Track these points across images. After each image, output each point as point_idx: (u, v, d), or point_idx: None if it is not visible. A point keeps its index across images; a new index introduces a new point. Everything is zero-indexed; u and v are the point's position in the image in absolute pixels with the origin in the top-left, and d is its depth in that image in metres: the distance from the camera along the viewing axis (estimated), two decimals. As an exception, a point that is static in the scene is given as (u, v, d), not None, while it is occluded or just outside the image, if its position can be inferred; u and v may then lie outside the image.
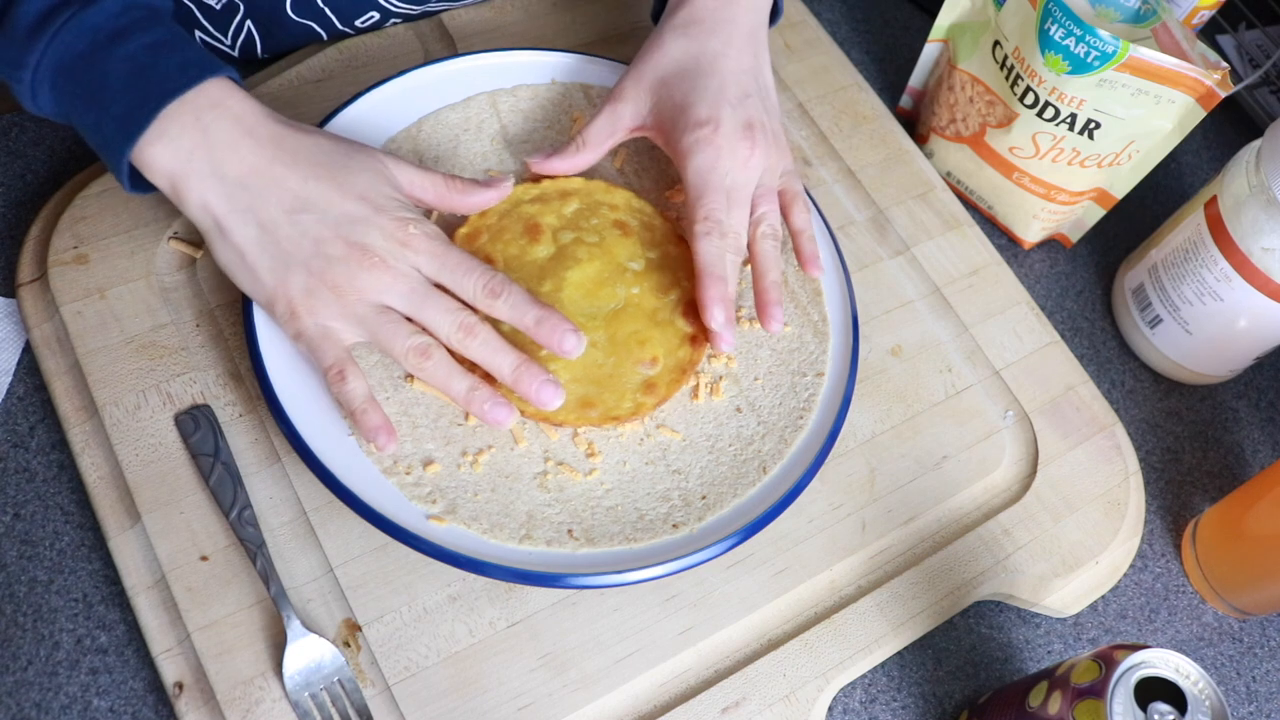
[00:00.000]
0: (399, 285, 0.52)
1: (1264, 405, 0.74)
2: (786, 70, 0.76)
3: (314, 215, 0.52)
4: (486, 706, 0.52)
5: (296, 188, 0.52)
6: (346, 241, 0.52)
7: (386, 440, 0.52)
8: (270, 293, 0.53)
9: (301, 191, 0.52)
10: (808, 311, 0.64)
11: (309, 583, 0.54)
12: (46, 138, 0.66)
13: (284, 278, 0.52)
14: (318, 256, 0.52)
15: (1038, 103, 0.67)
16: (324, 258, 0.52)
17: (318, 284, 0.52)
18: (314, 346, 0.53)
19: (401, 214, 0.53)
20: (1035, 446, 0.65)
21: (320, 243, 0.52)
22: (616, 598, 0.56)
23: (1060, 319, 0.75)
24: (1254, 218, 0.62)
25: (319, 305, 0.52)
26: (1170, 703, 0.45)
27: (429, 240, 0.53)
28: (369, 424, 0.52)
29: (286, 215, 0.52)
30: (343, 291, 0.52)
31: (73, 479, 0.57)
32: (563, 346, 0.53)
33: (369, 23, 0.71)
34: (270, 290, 0.53)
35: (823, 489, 0.61)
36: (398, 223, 0.53)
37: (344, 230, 0.52)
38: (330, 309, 0.52)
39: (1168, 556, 0.67)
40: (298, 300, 0.52)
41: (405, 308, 0.53)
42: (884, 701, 0.58)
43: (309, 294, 0.52)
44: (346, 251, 0.52)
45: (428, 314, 0.53)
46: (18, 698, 0.52)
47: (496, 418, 0.53)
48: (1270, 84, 0.88)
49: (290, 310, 0.52)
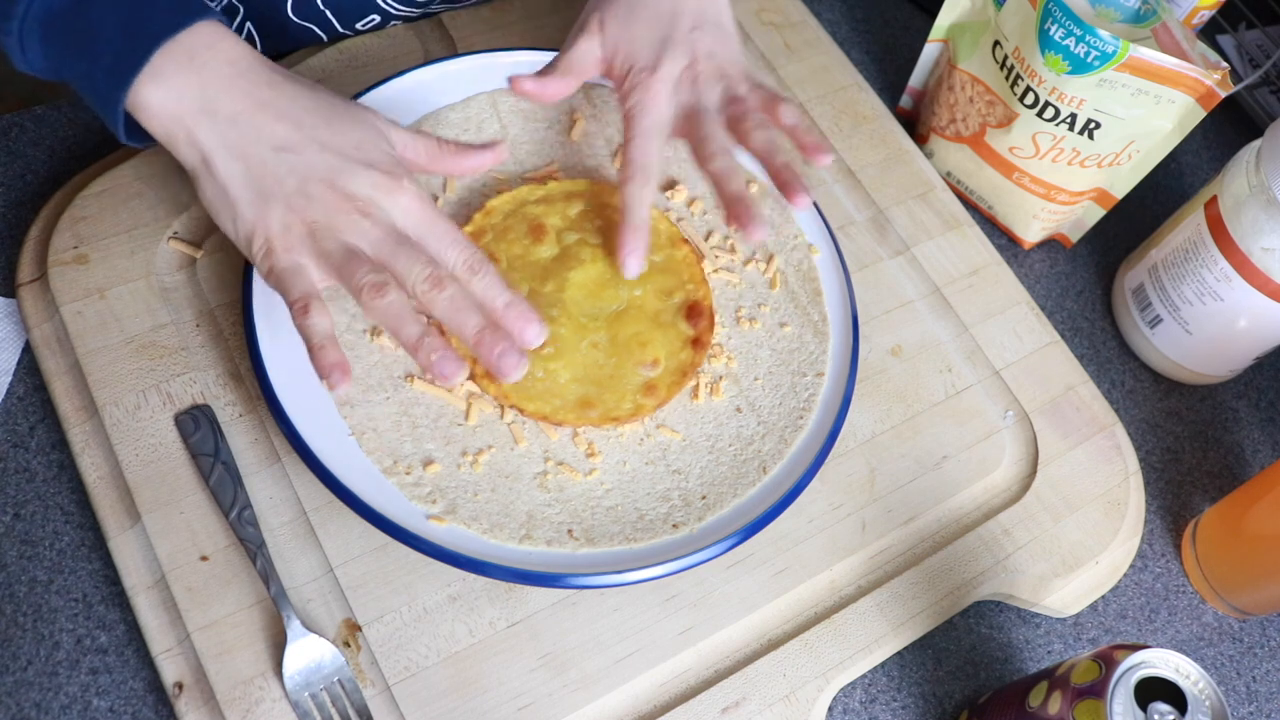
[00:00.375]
0: (374, 231, 0.52)
1: (1264, 405, 0.74)
2: (786, 70, 0.76)
3: (301, 158, 0.52)
4: (486, 706, 0.52)
5: (289, 130, 0.52)
6: (330, 185, 0.52)
7: (340, 378, 0.50)
8: (250, 227, 0.52)
9: (293, 134, 0.52)
10: (808, 311, 0.64)
11: (309, 583, 0.54)
12: (46, 138, 0.66)
13: (263, 213, 0.51)
14: (299, 194, 0.51)
15: (1038, 103, 0.67)
16: (305, 195, 0.51)
17: (295, 220, 0.51)
18: (283, 280, 0.52)
19: (393, 169, 0.53)
20: (1035, 446, 0.65)
21: (305, 182, 0.51)
22: (616, 598, 0.56)
23: (1060, 319, 0.75)
24: (1254, 218, 0.62)
25: (294, 241, 0.52)
26: (1170, 703, 0.45)
27: (418, 201, 0.53)
28: (325, 360, 0.50)
29: (273, 153, 0.52)
30: (317, 230, 0.51)
31: (73, 479, 0.57)
32: (524, 334, 0.52)
33: (369, 25, 0.71)
34: (250, 224, 0.52)
35: (823, 489, 0.61)
36: (388, 176, 0.52)
37: (331, 175, 0.52)
38: (304, 246, 0.52)
39: (1168, 556, 0.67)
40: (275, 235, 0.51)
41: (376, 253, 0.52)
42: (884, 701, 0.58)
43: (285, 230, 0.51)
44: (328, 194, 0.51)
45: (398, 262, 0.51)
46: (18, 698, 0.52)
47: (443, 370, 0.50)
48: (1270, 84, 0.88)
49: (267, 246, 0.52)
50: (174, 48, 0.50)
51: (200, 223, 0.62)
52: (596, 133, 0.68)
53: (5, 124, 0.66)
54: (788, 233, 0.66)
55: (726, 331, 0.62)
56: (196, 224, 0.62)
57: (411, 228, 0.52)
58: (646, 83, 0.59)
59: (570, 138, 0.67)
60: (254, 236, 0.52)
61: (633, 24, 0.60)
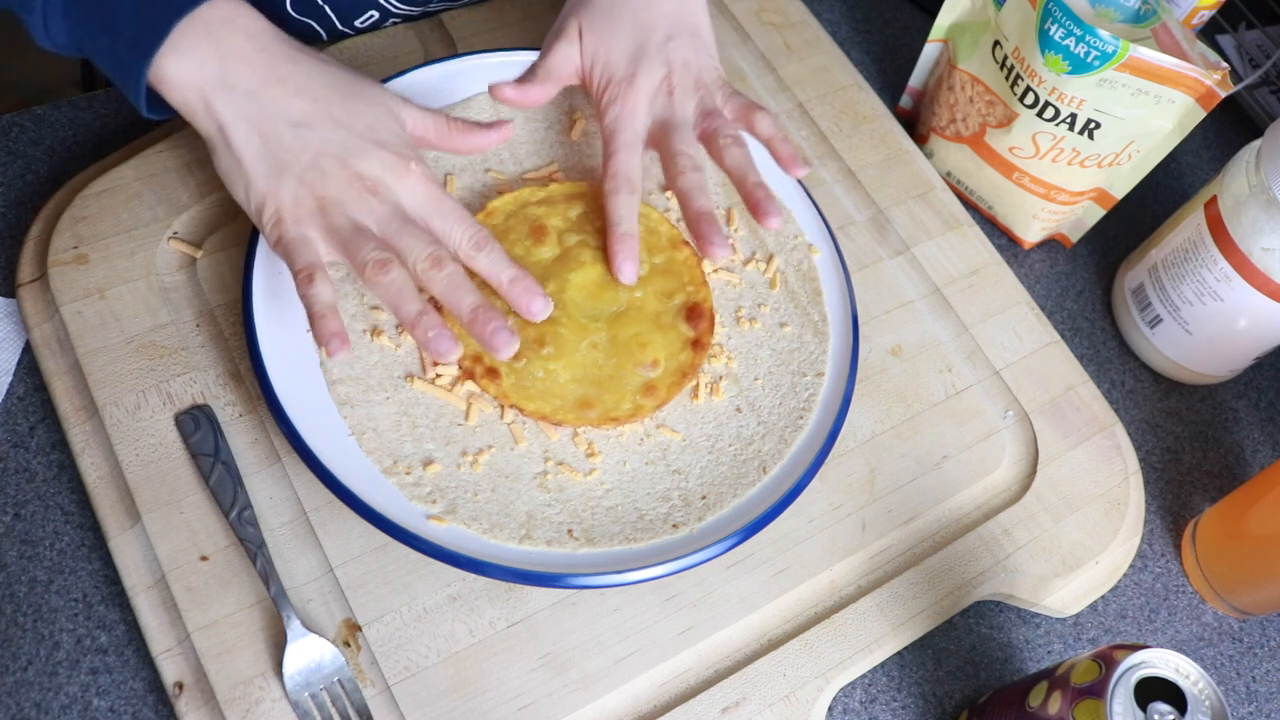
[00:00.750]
0: (380, 210, 0.53)
1: (1264, 405, 0.74)
2: (786, 70, 0.76)
3: (316, 133, 0.53)
4: (486, 706, 0.52)
5: (305, 106, 0.53)
6: (343, 163, 0.53)
7: (340, 346, 0.51)
8: (261, 198, 0.53)
9: (310, 110, 0.53)
10: (808, 311, 0.64)
11: (309, 583, 0.54)
12: (46, 138, 0.66)
13: (276, 184, 0.53)
14: (312, 169, 0.53)
15: (1038, 103, 0.67)
16: (318, 170, 0.53)
17: (306, 194, 0.53)
18: (290, 250, 0.53)
19: (404, 150, 0.55)
20: (1035, 446, 0.65)
21: (319, 157, 0.53)
22: (616, 598, 0.56)
23: (1060, 319, 0.75)
24: (1254, 218, 0.62)
25: (303, 214, 0.53)
26: (1170, 703, 0.45)
27: (426, 182, 0.54)
28: (326, 328, 0.51)
29: (290, 128, 0.53)
30: (327, 205, 0.53)
31: (73, 479, 0.57)
32: (530, 307, 0.54)
33: (369, 22, 0.71)
34: (261, 195, 0.53)
35: (823, 489, 0.61)
36: (398, 158, 0.54)
37: (344, 153, 0.53)
38: (312, 219, 0.53)
39: (1168, 556, 0.67)
40: (285, 207, 0.53)
41: (382, 231, 0.53)
42: (884, 701, 0.58)
43: (296, 203, 0.53)
44: (340, 171, 0.53)
45: (403, 240, 0.53)
46: (18, 698, 0.52)
47: (439, 347, 0.52)
48: (1270, 84, 0.88)
49: (276, 216, 0.53)
50: (193, 22, 0.51)
51: (200, 223, 0.62)
52: (597, 133, 0.68)
53: (5, 124, 0.66)
54: (788, 233, 0.66)
55: (726, 331, 0.62)
56: (196, 224, 0.62)
57: (417, 208, 0.54)
58: (624, 95, 0.60)
59: (570, 138, 0.67)
60: (265, 206, 0.53)
61: (610, 33, 0.60)
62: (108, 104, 0.68)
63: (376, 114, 0.55)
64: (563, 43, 0.61)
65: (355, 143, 0.54)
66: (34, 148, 0.66)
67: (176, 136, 0.64)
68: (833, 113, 0.75)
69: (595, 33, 0.60)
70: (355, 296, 0.59)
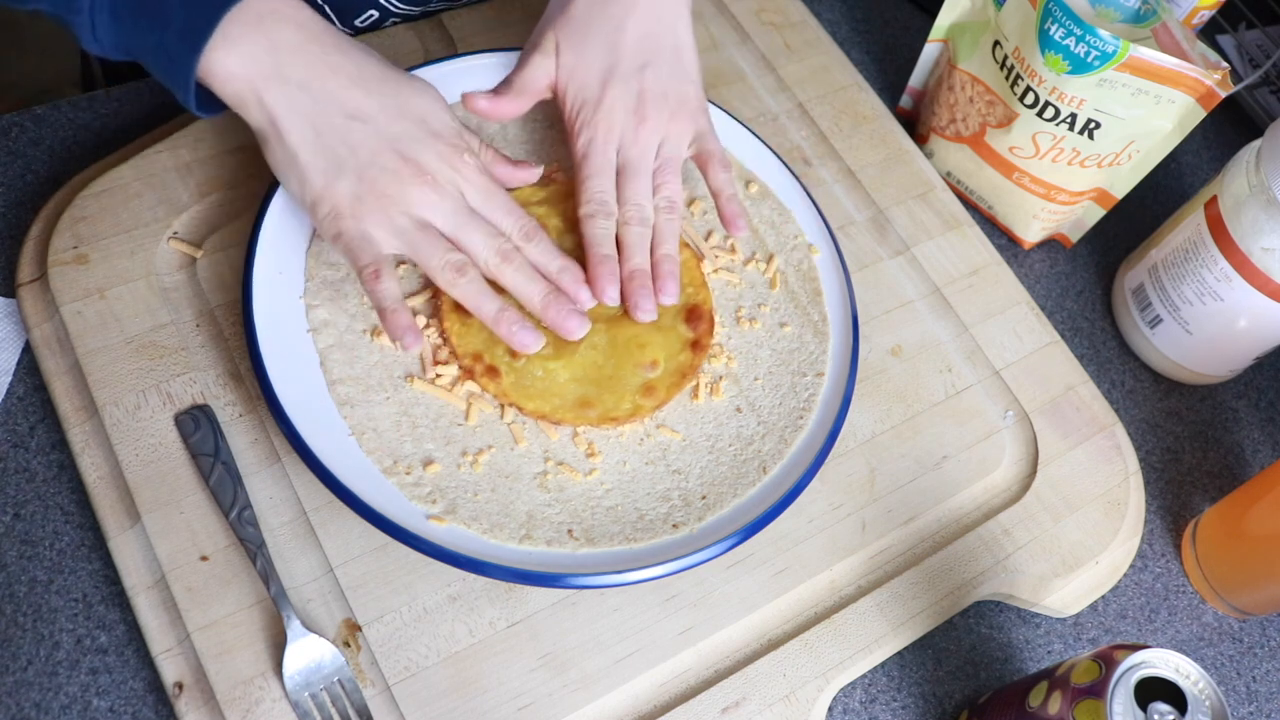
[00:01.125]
0: (445, 204, 0.54)
1: (1264, 405, 0.74)
2: (786, 70, 0.76)
3: (372, 126, 0.53)
4: (486, 706, 0.52)
5: (359, 98, 0.53)
6: (401, 155, 0.53)
7: (413, 340, 0.53)
8: (317, 193, 0.53)
9: (364, 102, 0.53)
10: (808, 311, 0.64)
11: (309, 583, 0.54)
12: (46, 138, 0.66)
13: (333, 181, 0.53)
14: (371, 165, 0.53)
15: (1038, 103, 0.67)
16: (377, 167, 0.53)
17: (366, 191, 0.53)
18: (352, 246, 0.53)
19: (457, 140, 0.55)
20: (1035, 446, 0.65)
21: (375, 153, 0.53)
22: (616, 598, 0.56)
23: (1060, 319, 0.75)
24: (1254, 218, 0.62)
25: (364, 211, 0.53)
26: (1170, 703, 0.45)
27: (479, 173, 0.55)
28: (398, 323, 0.53)
29: (345, 121, 0.53)
30: (390, 201, 0.53)
31: (73, 479, 0.57)
32: (579, 296, 0.56)
33: (368, 22, 0.71)
34: (318, 191, 0.53)
35: (823, 489, 0.61)
36: (453, 148, 0.55)
37: (400, 145, 0.53)
38: (374, 216, 0.53)
39: (1168, 556, 0.67)
40: (343, 204, 0.53)
41: (446, 227, 0.54)
42: (884, 701, 0.58)
43: (356, 200, 0.53)
44: (399, 165, 0.53)
45: (468, 235, 0.54)
46: (18, 698, 0.52)
47: (523, 340, 0.54)
48: (1270, 84, 0.88)
49: (335, 211, 0.53)
50: (241, 14, 0.51)
51: (200, 223, 0.62)
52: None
53: (5, 124, 0.66)
54: (788, 233, 0.66)
55: (726, 331, 0.62)
56: (196, 224, 0.62)
57: (471, 194, 0.55)
58: (593, 121, 0.59)
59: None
60: (320, 202, 0.53)
61: (585, 50, 0.59)
62: (108, 104, 0.68)
63: (427, 104, 0.55)
64: (538, 56, 0.60)
65: (414, 132, 0.54)
66: (34, 148, 0.66)
67: (176, 136, 0.64)
68: (833, 113, 0.75)
69: (571, 48, 0.60)
70: (355, 296, 0.59)
